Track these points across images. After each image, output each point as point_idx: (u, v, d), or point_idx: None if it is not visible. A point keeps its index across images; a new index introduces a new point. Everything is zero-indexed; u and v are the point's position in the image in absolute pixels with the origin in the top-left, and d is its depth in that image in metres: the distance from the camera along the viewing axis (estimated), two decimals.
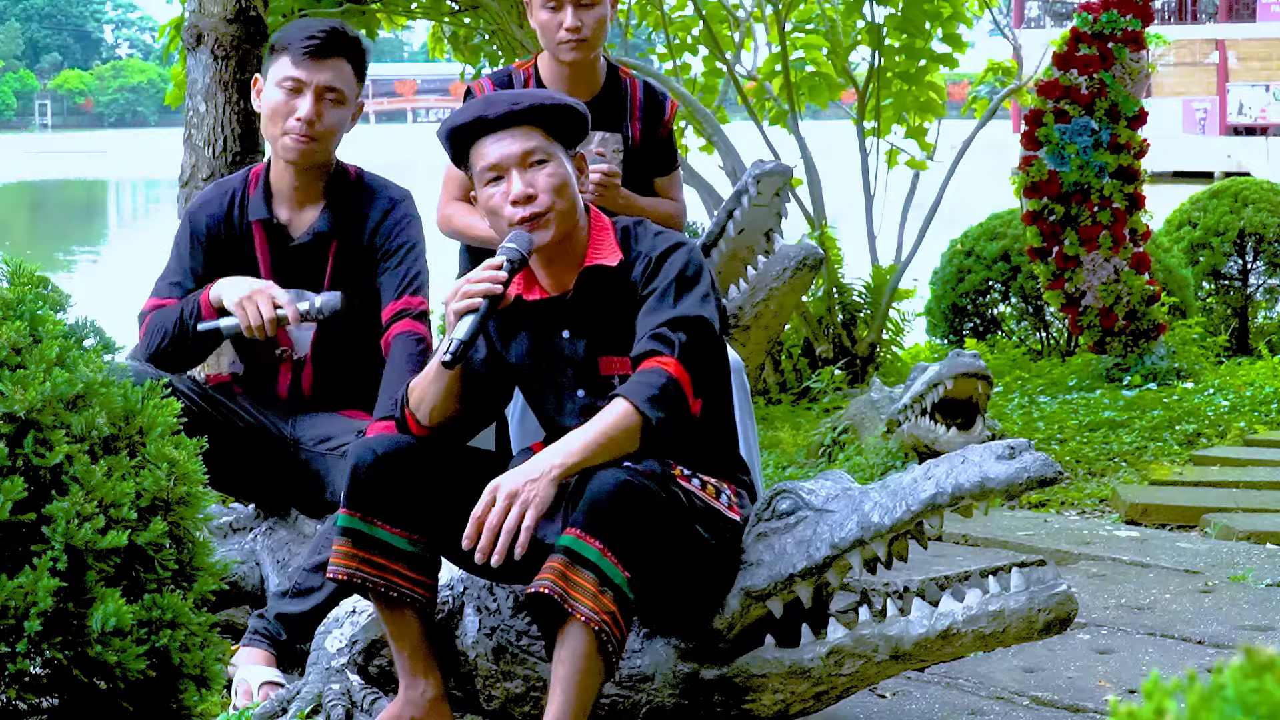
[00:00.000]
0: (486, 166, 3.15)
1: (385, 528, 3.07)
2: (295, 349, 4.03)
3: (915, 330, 10.14)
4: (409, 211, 4.05)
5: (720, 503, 3.14)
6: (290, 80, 3.90)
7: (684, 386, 3.02)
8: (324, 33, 3.92)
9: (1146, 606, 4.39)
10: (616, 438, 2.96)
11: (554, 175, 3.15)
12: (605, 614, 2.85)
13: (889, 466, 6.32)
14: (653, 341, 3.05)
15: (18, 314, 2.81)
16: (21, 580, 2.58)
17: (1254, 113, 39.96)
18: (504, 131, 3.15)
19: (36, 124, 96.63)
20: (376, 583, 3.08)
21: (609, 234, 3.22)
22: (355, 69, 3.96)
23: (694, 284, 3.12)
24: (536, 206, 3.12)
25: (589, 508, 2.88)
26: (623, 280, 3.17)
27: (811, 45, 10.13)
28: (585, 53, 4.23)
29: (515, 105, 3.15)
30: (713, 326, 3.11)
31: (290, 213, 3.99)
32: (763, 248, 5.15)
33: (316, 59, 3.89)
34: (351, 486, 3.08)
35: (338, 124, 3.93)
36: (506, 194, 3.13)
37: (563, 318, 3.21)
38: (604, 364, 3.20)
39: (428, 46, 10.12)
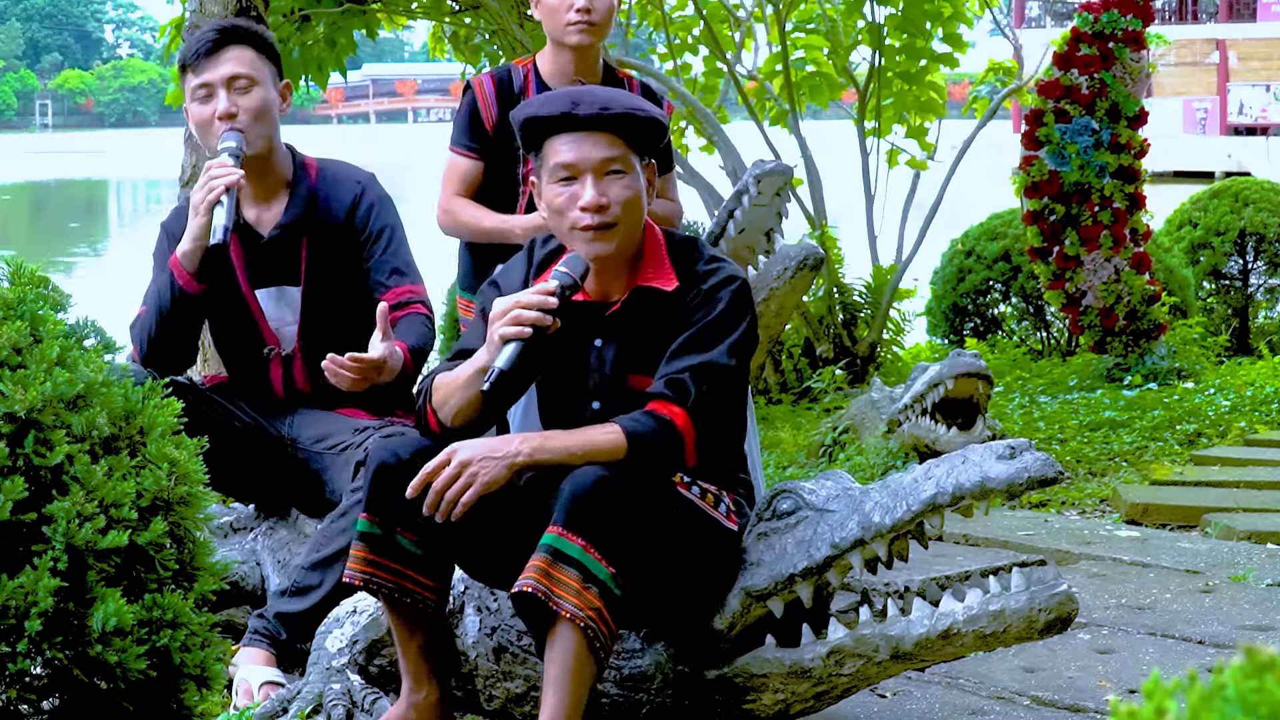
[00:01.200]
0: (561, 164, 3.07)
1: (403, 533, 3.05)
2: (281, 345, 4.04)
3: (916, 330, 10.14)
4: (378, 193, 4.09)
5: (719, 512, 3.12)
6: (200, 88, 3.95)
7: (685, 442, 3.00)
8: (213, 32, 3.98)
9: (1147, 606, 4.39)
10: (594, 455, 2.95)
11: (629, 188, 3.08)
12: (590, 610, 2.84)
13: (889, 466, 6.32)
14: (669, 387, 3.02)
15: (18, 314, 2.81)
16: (22, 580, 2.58)
17: (1254, 113, 39.95)
18: (586, 133, 3.07)
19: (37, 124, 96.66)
20: (390, 588, 3.07)
21: (663, 251, 3.16)
22: (258, 51, 3.98)
23: (734, 328, 3.08)
24: (606, 217, 3.06)
25: (569, 505, 2.87)
26: (674, 307, 3.11)
27: (812, 45, 10.13)
28: (593, 37, 4.22)
29: (606, 109, 3.07)
30: (735, 375, 3.08)
31: (256, 211, 4.02)
32: (763, 248, 5.15)
33: (212, 56, 3.93)
34: (372, 491, 3.06)
35: (259, 107, 3.94)
36: (576, 197, 3.06)
37: (599, 326, 3.16)
38: (630, 381, 3.15)
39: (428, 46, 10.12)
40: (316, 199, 4.02)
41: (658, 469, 3.01)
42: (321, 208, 4.02)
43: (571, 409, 3.19)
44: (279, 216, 4.01)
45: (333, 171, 4.08)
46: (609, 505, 2.87)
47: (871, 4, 9.76)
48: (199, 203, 3.81)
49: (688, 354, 3.05)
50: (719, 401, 3.06)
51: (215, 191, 3.78)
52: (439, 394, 3.13)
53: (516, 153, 4.26)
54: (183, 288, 3.88)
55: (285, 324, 4.03)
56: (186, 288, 3.88)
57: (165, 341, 3.93)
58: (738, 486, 3.24)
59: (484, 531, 3.07)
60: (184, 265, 3.88)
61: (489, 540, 3.08)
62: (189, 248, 3.87)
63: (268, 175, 4.01)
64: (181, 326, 3.94)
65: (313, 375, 4.04)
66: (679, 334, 3.08)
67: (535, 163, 3.15)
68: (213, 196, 3.78)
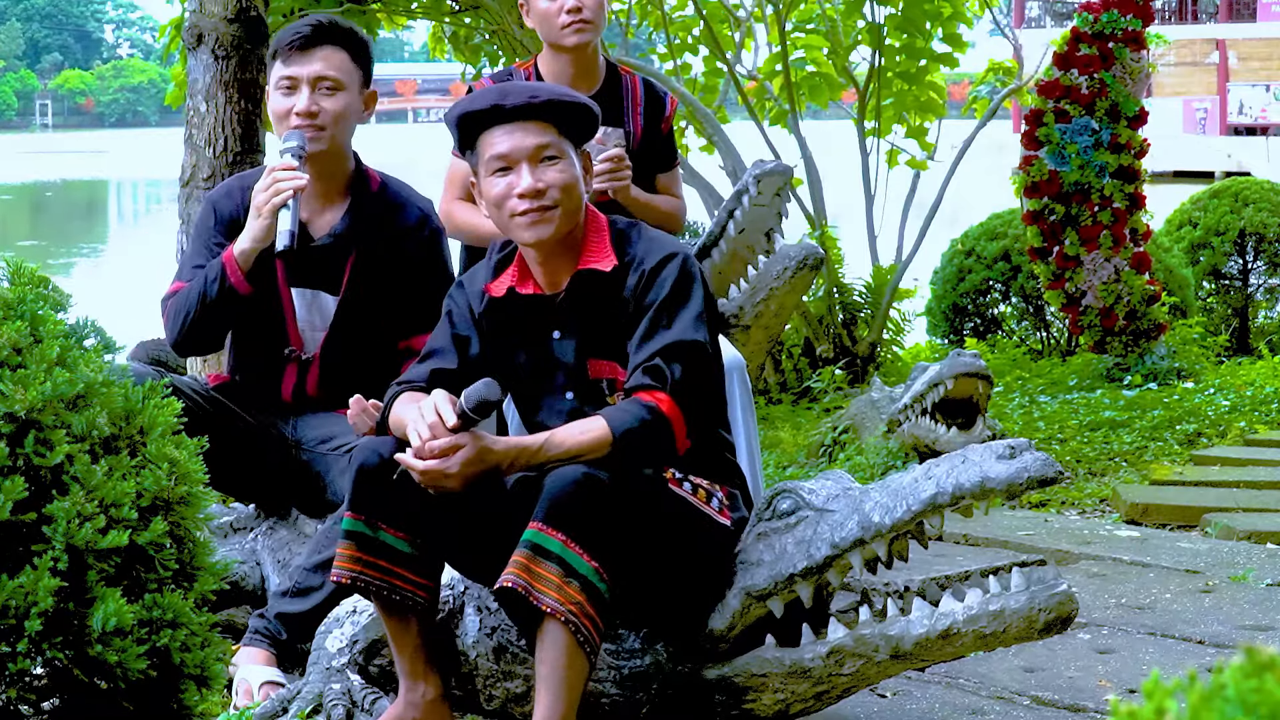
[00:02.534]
0: (496, 155, 3.13)
1: (389, 530, 3.06)
2: (304, 349, 4.02)
3: (915, 330, 10.14)
4: (439, 224, 4.07)
5: (710, 507, 3.13)
6: (285, 80, 3.90)
7: (674, 426, 3.00)
8: (309, 26, 3.92)
9: (1147, 606, 4.39)
10: (582, 451, 2.95)
11: (564, 173, 3.13)
12: (572, 604, 2.85)
13: (889, 466, 6.32)
14: (646, 375, 3.03)
15: (18, 314, 2.82)
16: (22, 580, 2.58)
17: (1254, 112, 39.97)
18: (518, 124, 3.13)
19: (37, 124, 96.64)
20: (379, 586, 3.07)
21: (605, 236, 3.20)
22: (352, 55, 3.94)
23: (687, 299, 3.10)
24: (545, 201, 3.11)
25: (549, 501, 2.89)
26: (615, 286, 3.15)
27: (812, 45, 10.13)
28: (588, 35, 4.22)
29: (534, 98, 3.14)
30: (708, 347, 3.09)
31: (310, 212, 3.96)
32: (763, 247, 5.15)
33: (304, 52, 3.89)
34: (356, 489, 3.07)
35: (341, 111, 3.90)
36: (513, 185, 3.11)
37: (554, 318, 3.21)
38: (593, 367, 3.19)
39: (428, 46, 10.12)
40: (376, 213, 3.98)
41: (650, 457, 3.02)
42: (380, 224, 3.97)
43: (547, 406, 3.23)
44: (333, 223, 3.96)
45: (396, 189, 4.04)
46: (589, 500, 2.88)
47: (871, 4, 9.76)
48: (262, 204, 3.76)
49: (651, 338, 3.07)
50: (700, 379, 3.07)
51: (282, 195, 3.73)
52: (393, 419, 3.14)
53: None
54: (234, 285, 3.83)
55: (313, 328, 4.00)
56: (238, 287, 3.84)
57: (201, 330, 3.90)
58: (728, 475, 3.25)
59: (472, 529, 3.08)
60: (239, 264, 3.82)
61: (478, 538, 3.09)
62: (248, 248, 3.82)
63: (330, 179, 3.96)
64: (222, 320, 3.91)
65: (324, 382, 4.02)
66: (628, 315, 3.12)
67: (470, 160, 3.21)
68: (278, 200, 3.73)
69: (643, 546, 3.00)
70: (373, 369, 3.97)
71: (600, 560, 2.88)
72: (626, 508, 2.95)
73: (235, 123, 5.91)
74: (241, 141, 5.93)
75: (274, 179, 3.76)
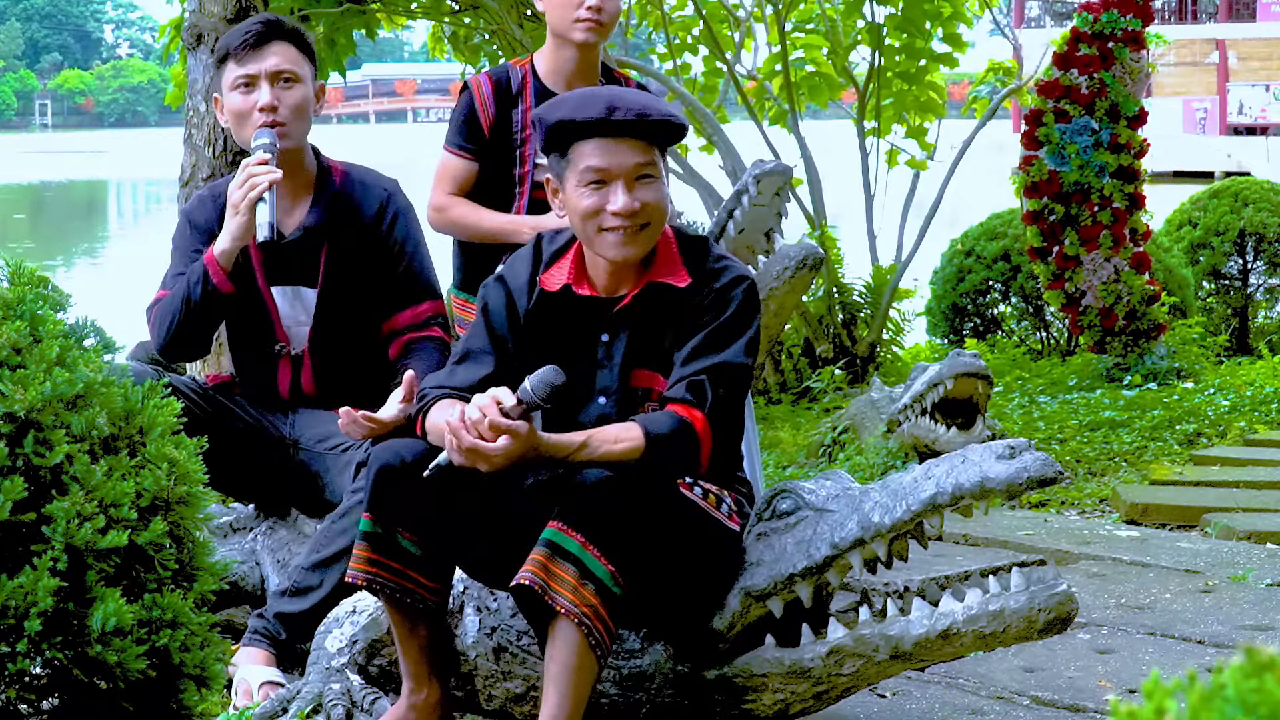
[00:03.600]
0: (593, 168, 3.05)
1: (404, 534, 3.05)
2: (292, 344, 4.03)
3: (915, 330, 10.14)
4: (404, 203, 4.09)
5: (720, 512, 3.13)
6: (242, 78, 3.94)
7: (702, 446, 3.01)
8: (258, 24, 3.97)
9: (1146, 606, 4.39)
10: (613, 454, 2.95)
11: (659, 193, 3.08)
12: (586, 606, 2.85)
13: (889, 466, 6.32)
14: (689, 390, 3.02)
15: (18, 314, 2.81)
16: (21, 580, 2.58)
17: (1254, 112, 39.96)
18: (621, 139, 3.05)
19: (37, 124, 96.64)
20: (392, 588, 3.06)
21: (673, 247, 3.16)
22: (301, 50, 3.98)
23: (746, 326, 3.09)
24: (641, 219, 3.05)
25: (572, 502, 2.89)
26: (684, 304, 3.11)
27: (811, 45, 10.13)
28: (599, 37, 4.22)
29: (644, 115, 3.05)
30: (748, 374, 3.10)
31: (281, 213, 3.98)
32: (763, 247, 5.15)
33: (258, 49, 3.93)
34: (375, 490, 3.05)
35: (300, 104, 3.94)
36: (606, 201, 3.04)
37: (606, 321, 3.16)
38: (635, 376, 3.15)
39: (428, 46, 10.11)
40: (341, 203, 4.01)
41: (672, 471, 3.02)
42: (346, 212, 4.01)
43: (577, 405, 3.17)
44: (302, 217, 3.99)
45: (358, 176, 4.07)
46: (611, 504, 2.88)
47: (871, 4, 9.76)
48: (239, 201, 3.80)
49: (704, 355, 3.05)
50: (735, 404, 3.07)
51: (258, 189, 3.77)
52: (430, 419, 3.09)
53: (514, 153, 4.25)
54: (216, 286, 3.85)
55: (298, 323, 4.03)
56: (221, 286, 3.86)
57: (188, 334, 3.92)
58: (737, 485, 3.25)
59: (487, 533, 3.07)
60: (220, 263, 3.85)
61: (492, 542, 3.09)
62: (228, 247, 3.84)
63: (295, 175, 3.99)
64: (207, 321, 3.93)
65: (319, 377, 4.04)
66: (688, 331, 3.09)
67: (556, 163, 3.12)
68: (254, 195, 3.78)
69: (654, 549, 2.99)
70: (366, 361, 3.99)
71: (617, 565, 2.87)
72: (645, 513, 2.95)
73: None
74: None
75: (249, 174, 3.80)
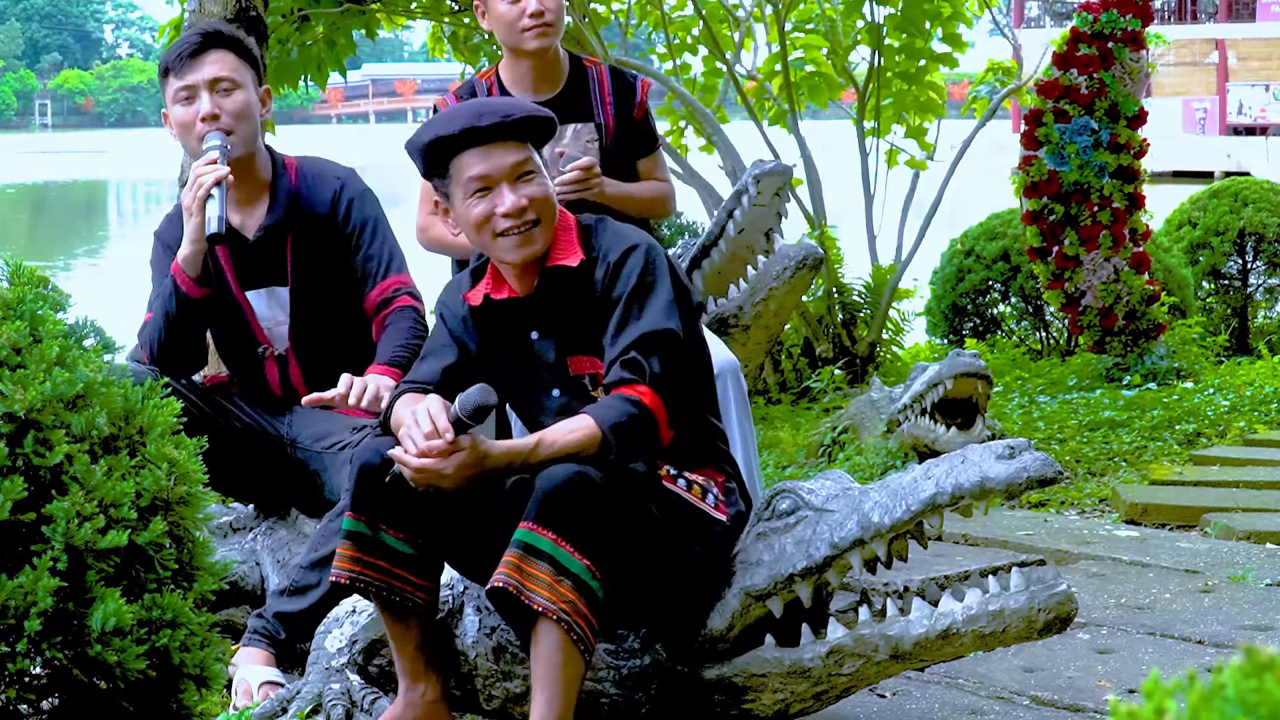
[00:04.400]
0: (475, 177, 3.13)
1: (390, 532, 3.06)
2: (274, 345, 4.06)
3: (915, 330, 10.14)
4: (359, 187, 4.12)
5: (706, 503, 3.13)
6: (182, 91, 3.97)
7: (657, 416, 3.02)
8: (196, 35, 4.01)
9: (1146, 606, 4.39)
10: (572, 450, 2.96)
11: (542, 186, 3.15)
12: (564, 603, 2.85)
13: (889, 466, 6.32)
14: (624, 369, 3.04)
15: (18, 314, 2.82)
16: (21, 580, 2.58)
17: (1254, 112, 39.95)
18: (493, 144, 3.13)
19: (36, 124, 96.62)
20: (379, 587, 3.07)
21: (572, 233, 3.22)
22: (240, 56, 4.01)
23: (655, 288, 3.11)
24: (529, 217, 3.12)
25: (540, 500, 2.89)
26: (584, 281, 3.16)
27: (811, 45, 10.13)
28: (550, 38, 4.22)
29: (508, 117, 3.13)
30: (679, 334, 3.09)
31: (240, 215, 4.03)
32: (763, 247, 5.15)
33: (195, 59, 3.96)
34: (357, 489, 3.07)
35: (242, 109, 3.97)
36: (495, 206, 3.12)
37: (530, 318, 3.22)
38: (573, 364, 3.20)
39: (428, 46, 10.12)
40: (298, 198, 4.05)
41: (638, 449, 3.02)
42: (303, 206, 4.05)
43: (537, 404, 3.25)
44: (262, 218, 4.04)
45: (312, 169, 4.12)
46: (580, 499, 2.89)
47: (871, 4, 9.76)
48: (189, 203, 3.85)
49: (623, 331, 3.08)
50: (676, 367, 3.08)
51: (204, 188, 3.82)
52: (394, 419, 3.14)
53: None
54: (186, 293, 3.91)
55: (277, 323, 4.07)
56: (190, 293, 3.91)
57: (174, 346, 3.97)
58: (721, 464, 3.25)
59: (470, 530, 3.08)
60: (186, 270, 3.90)
61: (475, 539, 3.09)
62: (189, 251, 3.90)
63: (250, 178, 4.03)
64: (189, 330, 3.98)
65: (307, 374, 4.07)
66: (599, 310, 3.13)
67: (441, 185, 3.19)
68: (202, 193, 3.82)
69: (639, 545, 3.00)
70: (351, 353, 4.02)
71: (592, 558, 2.88)
72: (618, 505, 2.95)
73: None
74: None
75: (196, 174, 3.85)
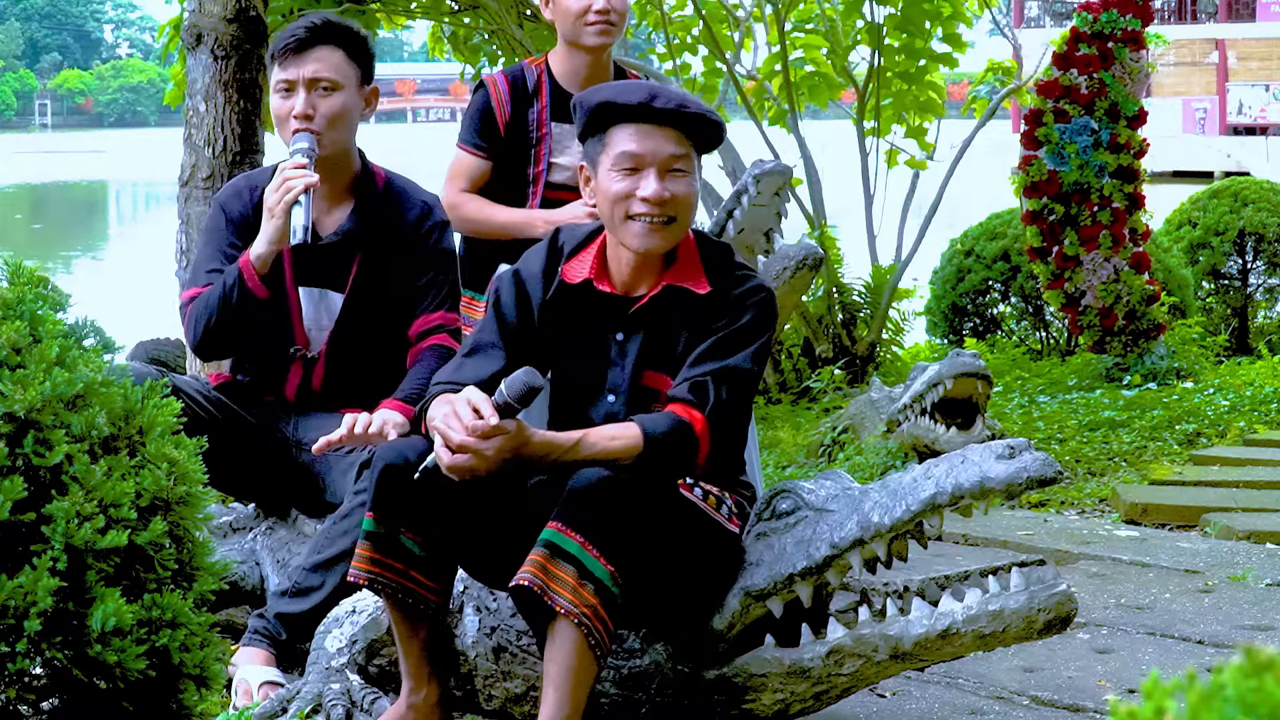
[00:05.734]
0: (628, 153, 3.05)
1: (408, 534, 3.05)
2: (310, 347, 4.02)
3: (915, 330, 10.15)
4: (444, 217, 4.08)
5: (720, 514, 3.13)
6: (282, 83, 3.92)
7: (700, 446, 3.00)
8: (304, 28, 3.93)
9: (1146, 606, 4.39)
10: (610, 454, 2.94)
11: (690, 188, 3.09)
12: (585, 607, 2.84)
13: (889, 466, 6.32)
14: (691, 391, 3.01)
15: (18, 314, 2.81)
16: (21, 580, 2.58)
17: (1254, 112, 39.98)
18: (660, 128, 3.06)
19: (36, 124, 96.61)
20: (394, 588, 3.06)
21: (695, 252, 3.15)
22: (348, 54, 3.95)
23: (759, 335, 3.08)
24: (669, 211, 3.06)
25: (571, 502, 2.88)
26: (703, 310, 3.11)
27: (811, 45, 10.13)
28: (611, 37, 4.22)
29: (683, 106, 3.06)
30: (754, 380, 3.08)
31: (317, 211, 3.96)
32: (762, 247, 5.15)
33: (299, 54, 3.91)
34: (379, 490, 3.05)
35: (338, 112, 3.91)
36: (636, 188, 3.04)
37: (622, 320, 3.15)
38: (647, 377, 3.14)
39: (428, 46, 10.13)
40: (380, 211, 3.99)
41: (669, 471, 3.01)
42: (386, 219, 3.99)
43: (585, 401, 3.17)
44: (340, 221, 3.98)
45: (401, 185, 4.06)
46: (610, 504, 2.88)
47: (871, 4, 9.76)
48: (274, 205, 3.78)
49: (711, 359, 3.05)
50: (738, 409, 3.06)
51: (293, 193, 3.75)
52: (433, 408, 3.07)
53: (529, 152, 4.25)
54: (251, 290, 3.84)
55: (319, 327, 4.02)
56: (256, 291, 3.84)
57: (223, 334, 3.90)
58: (739, 489, 3.24)
59: (490, 533, 3.07)
60: (256, 268, 3.83)
61: (494, 542, 3.09)
62: (264, 251, 3.82)
63: (335, 179, 3.97)
64: (242, 323, 3.90)
65: (329, 379, 4.03)
66: (703, 337, 3.08)
67: (593, 147, 3.12)
68: (289, 199, 3.75)
69: (653, 550, 2.99)
70: (376, 366, 3.99)
71: (616, 564, 2.87)
72: (643, 513, 2.95)
73: (234, 123, 5.92)
74: (241, 141, 5.93)
75: (284, 178, 3.78)
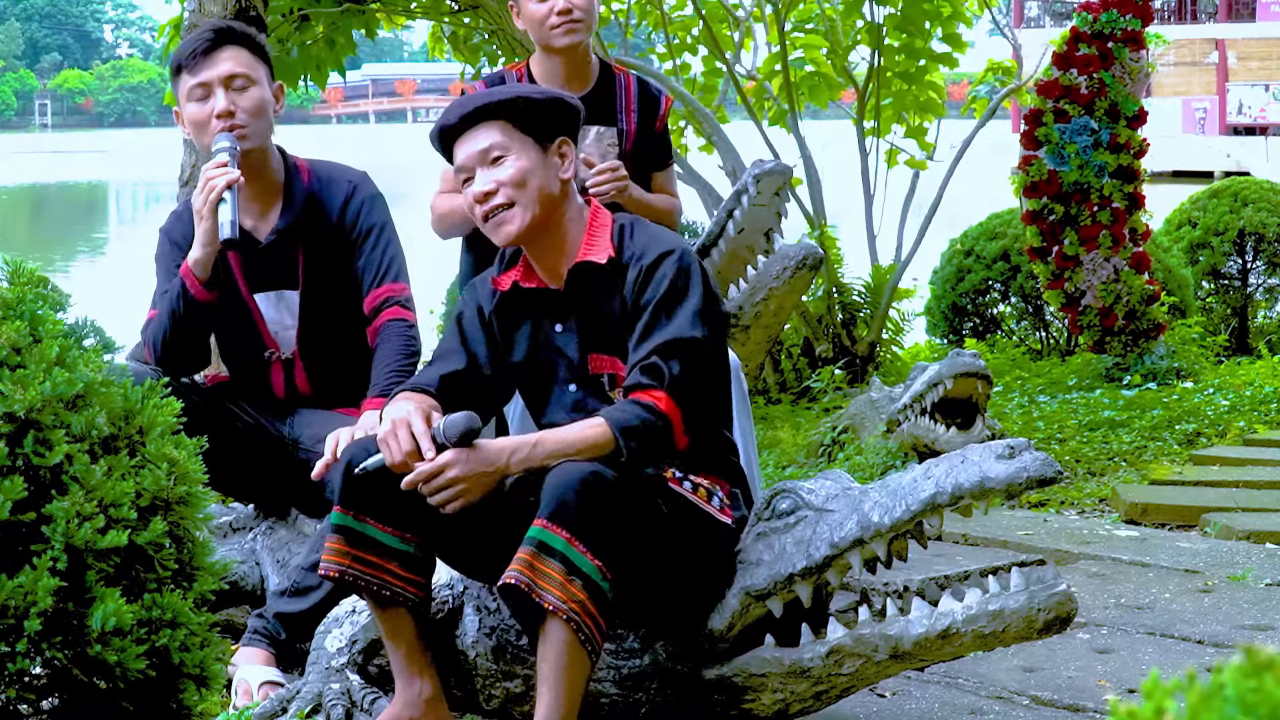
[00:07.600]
0: (458, 168, 3.21)
1: (377, 526, 3.07)
2: (281, 349, 4.05)
3: (915, 330, 10.14)
4: (370, 192, 4.10)
5: (712, 506, 3.14)
6: (197, 88, 3.95)
7: (673, 423, 3.02)
8: (208, 32, 3.99)
9: (1146, 606, 4.39)
10: (584, 453, 2.97)
11: (512, 166, 3.16)
12: (574, 602, 2.86)
13: (889, 466, 6.32)
14: (644, 374, 3.04)
15: (18, 314, 2.81)
16: (21, 580, 2.58)
17: (1253, 112, 39.97)
18: (470, 131, 3.19)
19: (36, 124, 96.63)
20: (369, 581, 3.08)
21: (606, 230, 3.22)
22: (253, 52, 3.99)
23: (685, 296, 3.10)
24: (498, 200, 3.15)
25: (554, 499, 2.89)
26: (613, 280, 3.17)
27: (811, 45, 10.13)
28: (579, 36, 4.24)
29: (468, 106, 3.18)
30: (704, 344, 3.09)
31: (252, 218, 4.01)
32: (762, 247, 5.15)
33: (209, 56, 3.94)
34: (345, 484, 3.09)
35: (257, 106, 3.95)
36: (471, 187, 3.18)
37: (556, 311, 3.24)
38: (594, 362, 3.21)
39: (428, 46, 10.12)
40: (311, 202, 4.03)
41: (650, 456, 3.03)
42: (316, 211, 4.03)
43: (554, 399, 3.25)
44: (275, 221, 4.01)
45: (325, 173, 4.10)
46: (593, 499, 2.89)
47: (871, 4, 9.76)
48: (201, 207, 3.82)
49: (649, 336, 3.08)
50: (698, 376, 3.07)
51: (216, 192, 3.79)
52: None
53: None
54: (195, 295, 3.88)
55: (285, 327, 4.05)
56: (198, 296, 3.88)
57: (179, 346, 3.94)
58: (730, 475, 3.25)
59: (473, 528, 3.08)
60: (195, 273, 3.87)
61: (478, 536, 3.10)
62: (200, 254, 3.86)
63: (262, 178, 4.01)
64: (194, 332, 3.95)
65: (312, 377, 4.06)
66: (628, 312, 3.13)
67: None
68: (214, 197, 3.79)
69: (643, 545, 3.00)
70: (357, 357, 4.00)
71: (603, 559, 2.88)
72: (631, 506, 2.96)
73: None
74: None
75: (207, 178, 3.82)
